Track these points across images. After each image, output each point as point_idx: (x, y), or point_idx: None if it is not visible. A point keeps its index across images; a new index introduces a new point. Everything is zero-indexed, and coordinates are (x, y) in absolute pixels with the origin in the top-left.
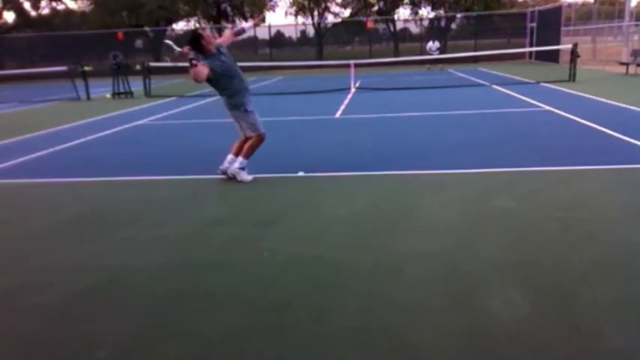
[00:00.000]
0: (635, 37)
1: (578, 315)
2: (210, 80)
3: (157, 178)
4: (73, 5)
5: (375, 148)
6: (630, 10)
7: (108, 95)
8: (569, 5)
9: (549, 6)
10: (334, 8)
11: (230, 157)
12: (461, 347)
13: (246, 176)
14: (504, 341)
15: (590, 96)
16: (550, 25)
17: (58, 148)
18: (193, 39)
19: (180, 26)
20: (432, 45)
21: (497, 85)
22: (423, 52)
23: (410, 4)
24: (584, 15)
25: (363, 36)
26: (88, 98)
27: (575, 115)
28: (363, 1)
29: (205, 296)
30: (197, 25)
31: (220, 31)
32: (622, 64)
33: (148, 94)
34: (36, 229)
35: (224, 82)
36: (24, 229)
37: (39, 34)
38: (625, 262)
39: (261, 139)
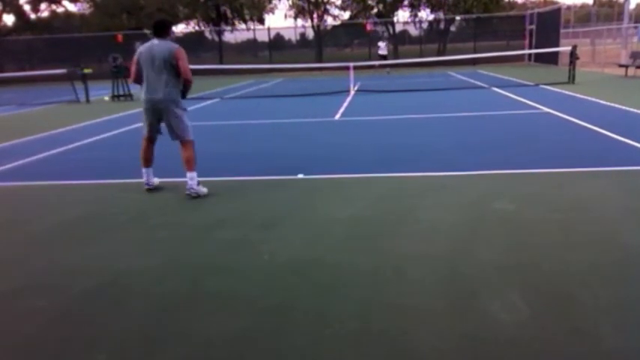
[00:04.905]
0: (634, 39)
1: (577, 317)
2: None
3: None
4: (72, 8)
5: (375, 150)
6: (629, 12)
7: (106, 98)
8: (569, 7)
9: (548, 8)
10: (333, 11)
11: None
12: (461, 350)
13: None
14: (504, 344)
15: (590, 98)
16: (549, 27)
17: (57, 150)
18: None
19: (180, 29)
20: (382, 44)
21: (496, 87)
22: (423, 54)
23: (409, 6)
24: (583, 17)
25: (362, 38)
26: (88, 101)
27: (574, 117)
28: (362, 3)
29: (205, 298)
30: (197, 27)
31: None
32: (621, 66)
33: None
34: (36, 232)
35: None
36: (24, 231)
37: (38, 36)
38: (624, 264)
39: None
